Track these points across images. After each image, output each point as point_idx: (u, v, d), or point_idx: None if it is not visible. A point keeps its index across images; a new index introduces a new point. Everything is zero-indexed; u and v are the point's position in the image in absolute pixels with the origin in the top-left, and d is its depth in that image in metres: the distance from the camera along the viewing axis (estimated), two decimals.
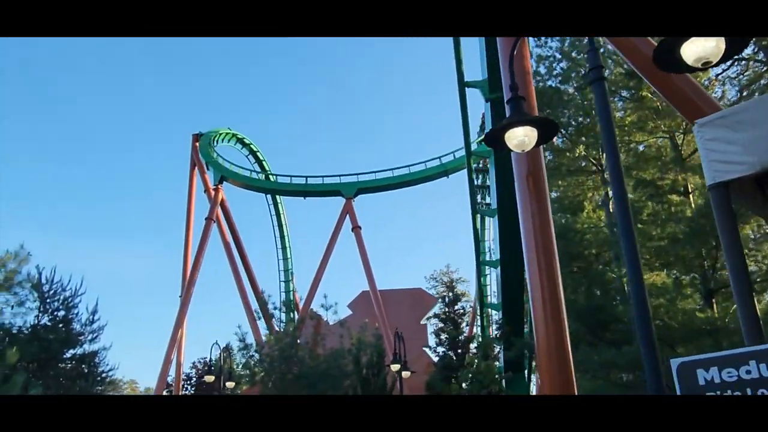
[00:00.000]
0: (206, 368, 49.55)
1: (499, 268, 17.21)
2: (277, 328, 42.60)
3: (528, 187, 9.12)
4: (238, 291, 40.94)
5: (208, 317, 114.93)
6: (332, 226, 39.60)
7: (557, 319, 8.48)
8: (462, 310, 16.37)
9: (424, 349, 35.15)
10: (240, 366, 40.38)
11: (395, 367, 14.44)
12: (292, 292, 47.52)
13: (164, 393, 39.05)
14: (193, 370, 50.45)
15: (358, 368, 13.23)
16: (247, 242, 44.92)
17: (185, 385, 48.32)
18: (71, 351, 21.09)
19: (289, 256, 53.26)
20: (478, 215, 16.79)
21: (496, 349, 10.59)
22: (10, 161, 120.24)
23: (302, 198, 41.75)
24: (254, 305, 41.70)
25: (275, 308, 44.30)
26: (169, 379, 42.30)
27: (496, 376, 10.51)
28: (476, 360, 10.66)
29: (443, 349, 14.76)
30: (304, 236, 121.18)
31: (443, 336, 15.08)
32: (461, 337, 14.78)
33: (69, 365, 21.02)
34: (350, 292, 19.75)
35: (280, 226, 52.69)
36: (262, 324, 38.40)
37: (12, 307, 18.11)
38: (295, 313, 44.34)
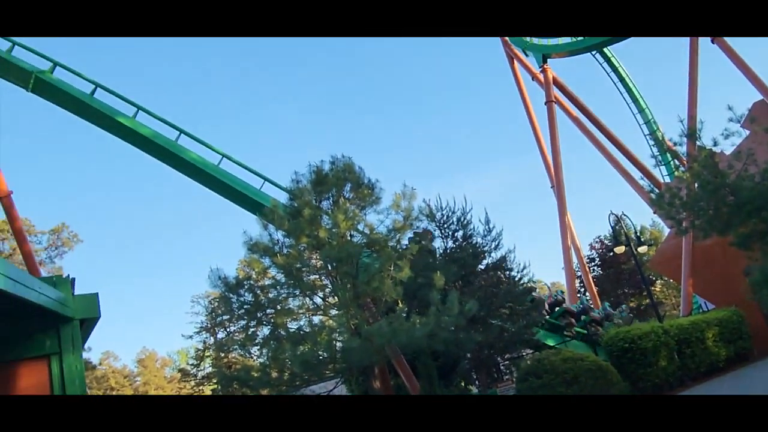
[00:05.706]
0: (603, 245, 48.62)
1: None
2: (665, 177, 38.87)
3: None
4: (607, 159, 38.41)
5: (584, 197, 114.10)
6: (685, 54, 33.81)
7: None
8: None
9: None
10: (637, 230, 38.10)
11: None
12: (662, 141, 42.90)
13: (574, 281, 38.96)
14: (593, 251, 50.05)
15: None
16: (598, 109, 41.68)
17: (591, 267, 48.15)
18: (483, 263, 22.07)
19: (644, 106, 48.41)
20: None
21: None
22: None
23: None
24: (630, 168, 38.70)
25: (657, 160, 40.49)
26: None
27: None
28: None
29: None
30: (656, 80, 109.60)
31: None
32: None
33: (485, 276, 21.99)
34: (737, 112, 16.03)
35: (622, 80, 48.03)
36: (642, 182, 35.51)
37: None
38: (671, 157, 39.95)
